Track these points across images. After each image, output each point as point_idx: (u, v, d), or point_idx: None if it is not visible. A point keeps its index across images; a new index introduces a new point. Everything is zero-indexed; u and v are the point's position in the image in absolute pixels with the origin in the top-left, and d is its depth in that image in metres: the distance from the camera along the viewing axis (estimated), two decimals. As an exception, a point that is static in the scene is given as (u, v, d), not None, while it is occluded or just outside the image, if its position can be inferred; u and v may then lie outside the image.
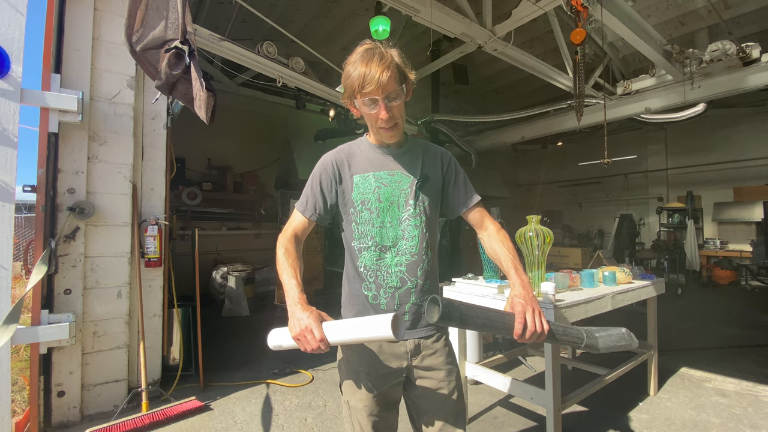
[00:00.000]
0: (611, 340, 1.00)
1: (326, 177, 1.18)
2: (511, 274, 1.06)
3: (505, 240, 1.16)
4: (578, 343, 0.99)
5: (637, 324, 3.17)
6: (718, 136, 8.54)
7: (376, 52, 1.04)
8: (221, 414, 2.62)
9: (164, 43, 2.04)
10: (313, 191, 1.18)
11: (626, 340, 1.01)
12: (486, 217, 1.23)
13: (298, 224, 1.19)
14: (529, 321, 0.92)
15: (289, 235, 1.16)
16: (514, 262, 1.08)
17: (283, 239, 1.15)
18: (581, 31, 3.08)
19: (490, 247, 1.18)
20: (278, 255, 1.11)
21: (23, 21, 2.14)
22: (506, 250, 1.12)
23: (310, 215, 1.18)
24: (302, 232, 1.19)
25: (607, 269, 2.59)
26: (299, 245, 1.17)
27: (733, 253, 7.78)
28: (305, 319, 0.93)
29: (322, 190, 1.18)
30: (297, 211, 1.20)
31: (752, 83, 4.41)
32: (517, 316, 0.93)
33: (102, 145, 2.66)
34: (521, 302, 0.95)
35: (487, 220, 1.22)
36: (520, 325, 0.92)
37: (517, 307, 0.94)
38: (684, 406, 2.66)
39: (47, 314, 2.40)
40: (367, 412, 1.12)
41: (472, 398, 2.79)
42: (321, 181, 1.18)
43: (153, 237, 2.83)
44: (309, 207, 1.18)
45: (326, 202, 1.18)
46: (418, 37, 5.81)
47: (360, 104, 1.08)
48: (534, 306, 0.94)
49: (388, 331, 0.86)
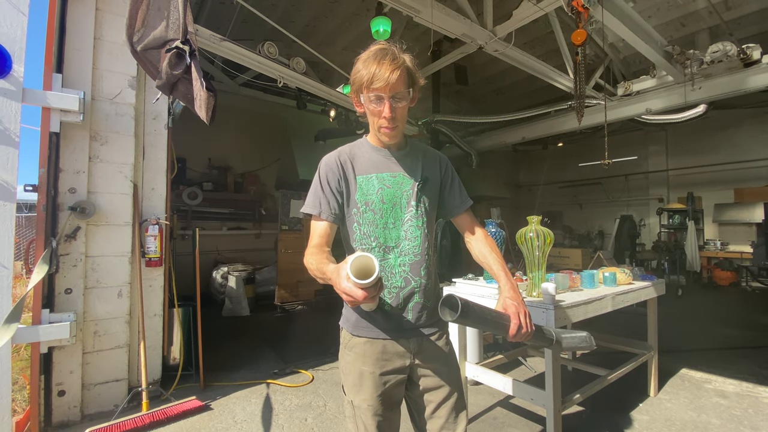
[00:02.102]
0: (574, 342, 1.18)
1: (333, 177, 1.17)
2: (501, 277, 1.14)
3: (493, 245, 1.25)
4: (551, 343, 1.14)
5: (637, 325, 3.18)
6: (718, 138, 8.53)
7: (389, 52, 1.06)
8: (221, 414, 2.62)
9: (165, 43, 2.04)
10: (325, 192, 1.16)
11: (587, 342, 1.20)
12: (475, 222, 1.30)
13: (321, 231, 1.13)
14: (522, 322, 1.02)
15: (316, 244, 1.10)
16: (503, 266, 1.17)
17: (311, 250, 1.08)
18: (582, 32, 3.09)
19: (479, 250, 1.25)
20: (310, 263, 1.04)
21: (25, 21, 2.14)
22: (495, 255, 1.21)
23: (327, 216, 1.14)
24: (327, 238, 1.13)
25: (608, 270, 2.59)
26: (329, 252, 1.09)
27: (734, 254, 7.78)
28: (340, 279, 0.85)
29: (332, 190, 1.16)
30: (314, 220, 1.15)
31: (753, 84, 4.41)
32: (512, 317, 1.02)
33: (103, 145, 2.66)
34: (514, 304, 1.04)
35: (476, 225, 1.29)
36: (515, 326, 1.01)
37: (510, 308, 1.03)
38: (684, 407, 2.66)
39: (48, 313, 2.41)
40: (371, 411, 1.12)
41: (472, 399, 2.79)
42: (329, 181, 1.16)
43: (154, 237, 2.83)
44: (325, 209, 1.14)
45: (338, 202, 1.17)
46: (419, 37, 5.82)
47: (366, 99, 1.09)
48: (524, 308, 1.04)
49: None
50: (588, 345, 1.20)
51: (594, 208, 10.93)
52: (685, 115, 5.88)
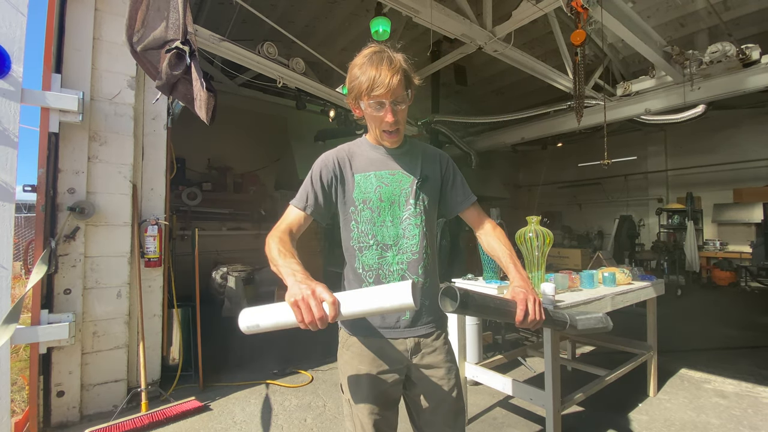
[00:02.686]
0: (589, 323, 1.14)
1: (327, 173, 1.17)
2: (510, 269, 1.11)
3: (502, 237, 1.21)
4: (564, 326, 1.10)
5: (636, 325, 3.18)
6: (717, 138, 8.54)
7: (385, 56, 1.05)
8: (221, 414, 2.62)
9: (165, 43, 2.04)
10: (314, 187, 1.16)
11: (603, 323, 1.16)
12: (483, 215, 1.27)
13: (293, 219, 1.13)
14: (530, 309, 0.97)
15: (284, 229, 1.09)
16: (512, 258, 1.14)
17: (277, 232, 1.07)
18: (581, 32, 3.09)
19: (488, 244, 1.22)
20: (271, 246, 1.01)
21: (24, 21, 2.14)
22: (504, 247, 1.17)
23: (306, 209, 1.14)
24: (297, 228, 1.12)
25: (607, 270, 2.60)
26: (293, 241, 1.08)
27: (733, 254, 7.78)
28: (312, 285, 0.83)
29: (323, 186, 1.16)
30: (292, 207, 1.15)
31: (752, 85, 4.41)
32: (519, 303, 0.98)
33: (102, 145, 2.66)
34: (522, 291, 1.00)
35: (484, 219, 1.27)
36: (522, 312, 0.97)
37: (519, 295, 0.99)
38: (683, 408, 2.66)
39: (47, 314, 2.41)
40: (368, 410, 1.12)
41: (471, 399, 2.79)
42: (321, 177, 1.16)
43: (153, 237, 2.83)
44: (309, 203, 1.14)
45: (326, 198, 1.17)
46: (418, 38, 5.81)
47: (366, 106, 1.09)
48: (534, 295, 1.00)
49: (408, 298, 0.80)
50: (604, 326, 1.16)
51: (593, 209, 10.93)
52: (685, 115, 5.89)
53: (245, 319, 0.89)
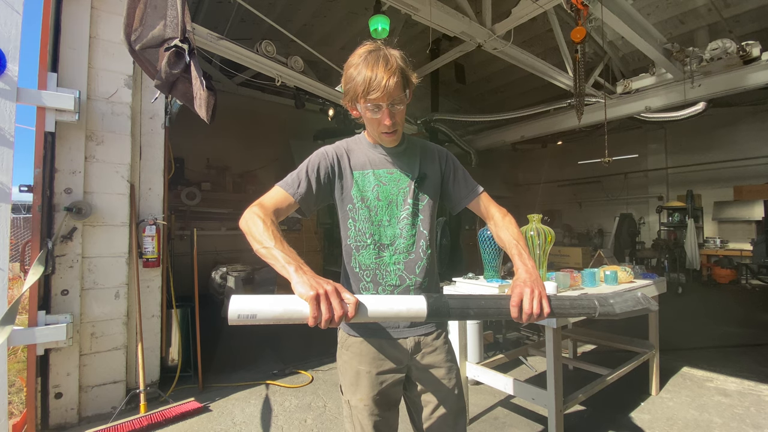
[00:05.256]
0: (627, 305, 0.95)
1: (324, 164, 1.14)
2: (515, 260, 1.04)
3: (510, 225, 1.15)
4: (592, 313, 0.94)
5: (638, 323, 3.16)
6: (718, 135, 8.53)
7: (381, 55, 1.00)
8: (220, 415, 2.61)
9: (164, 41, 2.02)
10: (308, 176, 1.11)
11: (642, 303, 0.94)
12: (491, 205, 1.22)
13: (280, 199, 1.05)
14: (525, 303, 0.88)
15: (271, 209, 1.00)
16: (518, 247, 1.06)
17: (263, 210, 0.97)
18: (581, 29, 3.07)
19: (497, 235, 1.17)
20: (257, 224, 0.92)
21: (19, 19, 2.12)
22: (510, 236, 1.11)
23: (295, 196, 1.07)
24: (283, 210, 1.05)
25: (609, 269, 2.58)
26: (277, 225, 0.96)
27: (734, 252, 7.77)
28: (331, 282, 0.79)
29: (319, 177, 1.12)
30: (280, 189, 1.08)
31: (752, 82, 4.40)
32: (512, 298, 0.90)
33: (99, 145, 2.64)
34: (519, 284, 0.92)
35: (492, 209, 1.21)
36: (515, 308, 0.89)
37: (514, 289, 0.92)
38: (686, 406, 2.65)
39: (44, 315, 2.39)
40: (368, 411, 1.11)
41: (473, 399, 2.78)
42: (319, 169, 1.13)
43: (151, 237, 2.81)
44: (300, 191, 1.08)
45: (318, 191, 1.11)
46: (417, 35, 5.80)
47: (363, 108, 1.06)
48: (534, 287, 0.91)
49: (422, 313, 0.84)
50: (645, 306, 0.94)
51: (593, 207, 10.92)
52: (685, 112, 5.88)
53: (238, 306, 0.77)
